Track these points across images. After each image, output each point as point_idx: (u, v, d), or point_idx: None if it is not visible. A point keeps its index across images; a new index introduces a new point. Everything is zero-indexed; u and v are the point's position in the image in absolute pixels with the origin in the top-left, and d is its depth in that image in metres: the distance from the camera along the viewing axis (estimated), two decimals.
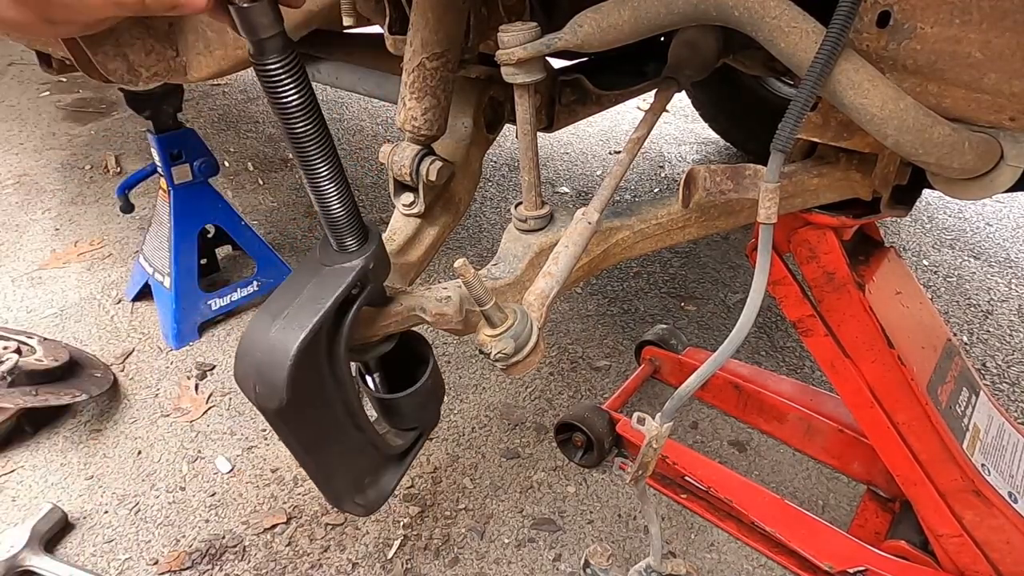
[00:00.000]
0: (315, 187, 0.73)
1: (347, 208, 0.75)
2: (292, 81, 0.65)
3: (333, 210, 0.75)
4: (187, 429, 1.77)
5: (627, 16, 0.82)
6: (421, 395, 0.94)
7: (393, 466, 0.99)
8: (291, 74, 0.65)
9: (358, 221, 0.77)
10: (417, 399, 0.94)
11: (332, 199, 0.74)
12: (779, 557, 1.40)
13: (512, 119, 1.00)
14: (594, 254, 0.98)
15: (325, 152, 0.71)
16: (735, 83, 2.87)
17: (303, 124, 0.68)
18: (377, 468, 0.97)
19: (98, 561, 1.45)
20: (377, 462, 0.96)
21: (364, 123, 3.59)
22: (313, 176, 0.72)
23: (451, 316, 0.87)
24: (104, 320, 2.15)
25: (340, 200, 0.74)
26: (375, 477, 0.97)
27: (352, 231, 0.77)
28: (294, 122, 0.67)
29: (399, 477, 1.00)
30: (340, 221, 0.75)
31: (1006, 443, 1.29)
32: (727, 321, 2.17)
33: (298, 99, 0.66)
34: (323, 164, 0.71)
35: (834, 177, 1.06)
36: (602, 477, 1.62)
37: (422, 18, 0.88)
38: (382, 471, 0.98)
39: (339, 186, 0.73)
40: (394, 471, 1.00)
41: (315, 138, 0.69)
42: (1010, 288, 2.33)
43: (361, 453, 0.93)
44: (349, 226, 0.76)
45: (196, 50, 1.25)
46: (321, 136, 0.70)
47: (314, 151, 0.70)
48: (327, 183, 0.73)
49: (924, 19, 0.74)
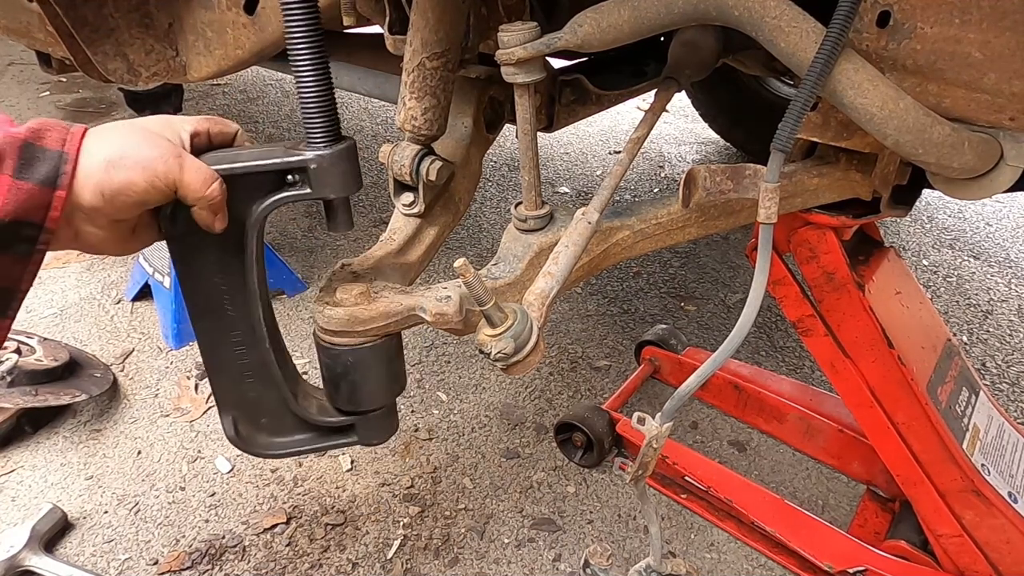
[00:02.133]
0: (296, 71, 0.75)
1: (319, 102, 0.76)
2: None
3: (306, 97, 0.76)
4: (187, 429, 1.77)
5: (627, 16, 0.82)
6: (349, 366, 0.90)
7: (304, 431, 0.96)
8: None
9: (327, 121, 0.77)
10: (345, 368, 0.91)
11: (308, 87, 0.75)
12: (779, 557, 1.40)
13: (512, 119, 1.00)
14: (594, 254, 0.98)
15: (310, 39, 0.73)
16: (735, 83, 2.87)
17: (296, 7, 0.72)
18: (279, 415, 0.93)
19: (98, 561, 1.45)
20: (280, 408, 0.92)
21: (364, 123, 3.59)
22: (296, 58, 0.74)
23: (451, 316, 0.86)
24: (104, 320, 2.15)
25: (315, 91, 0.76)
26: (275, 424, 0.95)
27: (318, 127, 0.77)
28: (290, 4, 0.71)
29: (304, 448, 0.97)
30: (309, 110, 0.76)
31: (1006, 443, 1.29)
32: (727, 321, 2.17)
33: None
34: (306, 50, 0.73)
35: (834, 177, 1.06)
36: (602, 477, 1.62)
37: (422, 18, 0.88)
38: (286, 423, 0.94)
39: (317, 78, 0.75)
40: (303, 437, 0.96)
41: (303, 22, 0.72)
42: (1010, 288, 2.33)
43: (259, 381, 0.90)
44: (317, 120, 0.77)
45: (196, 50, 1.25)
46: (310, 21, 0.72)
47: (299, 34, 0.73)
48: (307, 69, 0.74)
49: (924, 19, 0.74)
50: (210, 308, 0.85)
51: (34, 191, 0.64)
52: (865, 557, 1.28)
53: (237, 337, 0.87)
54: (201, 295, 0.84)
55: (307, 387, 0.97)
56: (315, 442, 0.98)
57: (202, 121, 0.78)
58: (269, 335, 0.87)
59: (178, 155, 0.70)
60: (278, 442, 0.96)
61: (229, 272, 0.83)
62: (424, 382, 1.91)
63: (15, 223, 0.64)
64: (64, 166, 0.66)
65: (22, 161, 0.64)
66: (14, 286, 0.68)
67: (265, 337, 0.87)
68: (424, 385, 1.90)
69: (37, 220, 0.65)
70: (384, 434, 1.00)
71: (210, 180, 0.72)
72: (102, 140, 0.69)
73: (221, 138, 0.80)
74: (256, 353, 0.88)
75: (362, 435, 0.98)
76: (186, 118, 0.77)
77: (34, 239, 0.66)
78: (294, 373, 0.95)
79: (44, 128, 0.67)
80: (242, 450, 0.95)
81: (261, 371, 0.90)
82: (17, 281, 0.68)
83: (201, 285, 0.83)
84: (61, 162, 0.66)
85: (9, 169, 0.63)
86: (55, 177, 0.65)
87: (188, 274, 0.83)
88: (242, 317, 0.86)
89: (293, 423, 0.95)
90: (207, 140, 0.79)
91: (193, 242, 0.79)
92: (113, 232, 0.73)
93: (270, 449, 0.97)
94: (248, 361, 0.89)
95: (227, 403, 0.92)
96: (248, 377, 0.90)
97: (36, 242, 0.66)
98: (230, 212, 0.77)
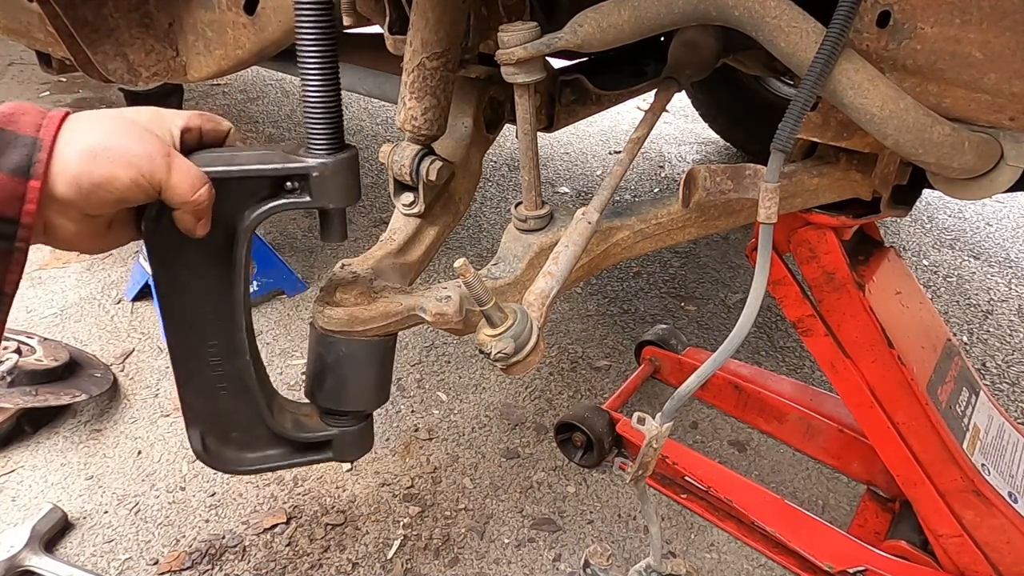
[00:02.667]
0: (304, 74, 0.73)
1: (326, 107, 0.74)
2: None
3: (312, 101, 0.74)
4: None
5: (627, 16, 0.82)
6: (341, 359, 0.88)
7: (276, 446, 0.91)
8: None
9: (332, 127, 0.75)
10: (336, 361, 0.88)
11: (315, 91, 0.74)
12: (779, 557, 1.40)
13: (512, 119, 1.00)
14: (594, 254, 0.98)
15: (322, 43, 0.72)
16: (735, 83, 2.87)
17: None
18: (251, 429, 0.89)
19: (98, 561, 1.45)
20: (253, 422, 0.88)
21: (364, 123, 3.59)
22: (305, 61, 0.73)
23: (451, 316, 0.86)
24: (104, 320, 2.15)
25: (322, 96, 0.74)
26: (246, 439, 0.90)
27: (323, 132, 0.75)
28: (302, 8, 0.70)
29: (275, 465, 0.93)
30: (315, 115, 0.75)
31: (1006, 443, 1.29)
32: (727, 321, 2.17)
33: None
34: (316, 53, 0.72)
35: (834, 177, 1.06)
36: (602, 477, 1.62)
37: (422, 18, 0.88)
38: (258, 437, 0.90)
39: (325, 82, 0.73)
40: (275, 452, 0.92)
41: (315, 25, 0.71)
42: (1010, 288, 2.33)
43: (233, 393, 0.85)
44: (321, 125, 0.75)
45: (196, 50, 1.25)
46: (323, 26, 0.71)
47: (310, 37, 0.71)
48: (315, 73, 0.73)
49: (924, 19, 0.74)
50: (187, 316, 0.80)
51: (5, 181, 0.58)
52: (865, 557, 1.28)
53: (214, 348, 0.82)
54: (179, 302, 0.79)
55: (282, 400, 0.93)
56: (288, 457, 0.93)
57: (194, 117, 0.73)
58: (250, 346, 0.83)
59: (167, 154, 0.65)
60: (248, 457, 0.92)
61: (212, 279, 0.78)
62: (424, 382, 1.91)
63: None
64: (38, 153, 0.59)
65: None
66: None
67: (246, 348, 0.82)
68: (424, 385, 1.90)
69: (11, 215, 0.59)
70: (359, 451, 0.97)
71: (198, 184, 0.67)
72: (86, 127, 0.63)
73: (213, 136, 0.76)
74: (233, 365, 0.84)
75: (337, 450, 0.94)
76: (177, 112, 0.72)
77: (11, 236, 0.60)
78: (269, 387, 0.91)
79: (18, 112, 0.61)
80: (208, 465, 0.90)
81: (236, 383, 0.85)
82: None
83: (180, 291, 0.79)
84: (35, 149, 0.59)
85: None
86: (28, 166, 0.59)
87: (167, 278, 0.78)
88: (222, 327, 0.81)
89: (266, 438, 0.91)
90: (198, 137, 0.74)
91: (176, 244, 0.74)
92: (86, 227, 0.67)
93: (240, 465, 0.92)
94: (223, 372, 0.84)
95: (196, 417, 0.87)
96: (222, 389, 0.85)
97: (14, 239, 0.60)
98: (220, 217, 0.72)
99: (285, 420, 0.91)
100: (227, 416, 0.88)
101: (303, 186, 0.75)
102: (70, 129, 0.62)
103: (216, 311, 0.80)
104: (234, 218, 0.75)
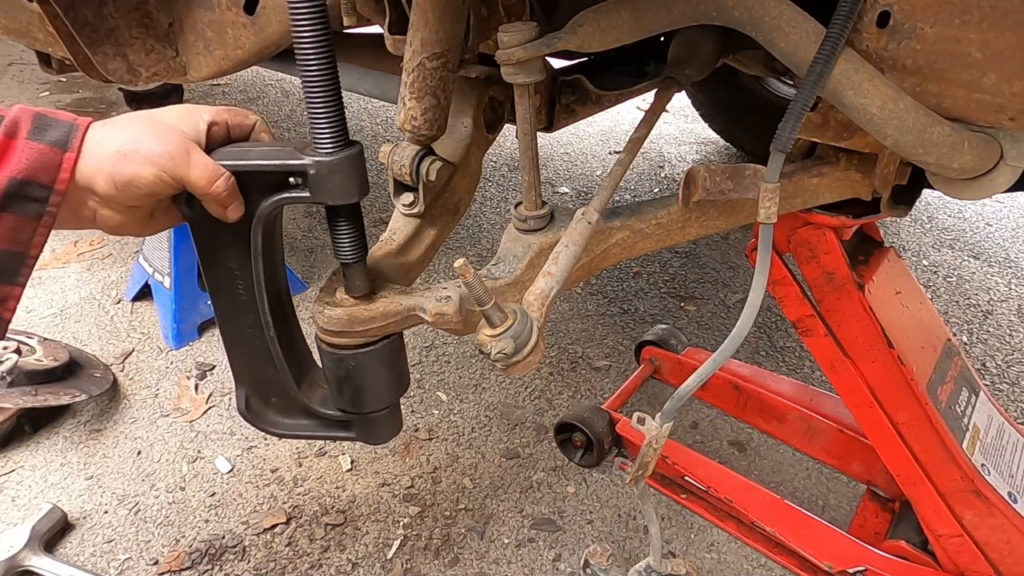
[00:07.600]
0: (303, 75, 0.75)
1: (325, 106, 0.76)
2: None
3: (312, 101, 0.76)
4: (187, 429, 1.77)
5: (627, 16, 0.82)
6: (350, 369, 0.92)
7: (308, 417, 0.98)
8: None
9: (332, 126, 0.78)
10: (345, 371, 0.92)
11: (314, 92, 0.76)
12: (779, 557, 1.40)
13: (512, 119, 1.00)
14: (594, 254, 0.97)
15: (318, 43, 0.73)
16: (735, 83, 2.87)
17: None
18: (287, 398, 0.97)
19: (98, 561, 1.45)
20: (287, 391, 0.95)
21: (364, 123, 3.59)
22: (303, 62, 0.74)
23: (451, 316, 0.86)
24: (104, 320, 2.15)
25: (321, 96, 0.76)
26: (283, 405, 0.98)
27: (323, 131, 0.77)
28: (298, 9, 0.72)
29: (307, 434, 1.01)
30: (315, 115, 0.77)
31: (1006, 443, 1.29)
32: (727, 321, 2.17)
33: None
34: (314, 53, 0.73)
35: (834, 177, 1.06)
36: (602, 477, 1.62)
37: (422, 18, 0.88)
38: (292, 406, 0.98)
39: (324, 82, 0.75)
40: (307, 423, 0.99)
41: (311, 25, 0.72)
42: (1010, 288, 2.33)
43: (269, 363, 0.92)
44: (321, 125, 0.77)
45: (196, 50, 1.25)
46: (318, 24, 0.72)
47: (307, 37, 0.73)
48: (314, 73, 0.74)
49: (924, 19, 0.74)
50: (224, 289, 0.88)
51: (45, 151, 0.68)
52: (865, 557, 1.28)
53: (250, 319, 0.89)
54: (216, 276, 0.88)
55: (318, 376, 0.98)
56: (318, 430, 1.00)
57: (221, 111, 0.80)
58: (276, 325, 0.88)
59: (186, 152, 0.73)
60: (284, 422, 1.00)
61: (237, 260, 0.86)
62: (424, 382, 1.91)
63: (26, 182, 0.67)
64: (75, 133, 0.70)
65: (35, 126, 0.69)
66: (23, 251, 0.71)
67: (271, 325, 0.88)
68: (424, 385, 1.90)
69: (47, 181, 0.68)
70: (387, 434, 1.01)
71: (215, 177, 0.74)
72: (117, 129, 0.72)
73: (239, 130, 0.82)
74: (262, 339, 0.90)
75: (361, 434, 0.99)
76: (206, 108, 0.80)
77: (44, 200, 0.69)
78: (305, 360, 0.97)
79: (56, 110, 0.72)
80: (250, 423, 0.98)
81: (268, 355, 0.92)
82: (26, 245, 0.70)
83: (217, 267, 0.87)
84: (72, 130, 0.70)
85: (24, 132, 0.68)
86: (66, 140, 0.69)
87: (207, 252, 0.87)
88: (251, 305, 0.88)
89: (299, 408, 0.98)
90: (225, 131, 0.81)
91: (210, 226, 0.82)
92: (131, 216, 0.77)
93: (276, 427, 1.00)
94: (259, 344, 0.91)
95: (241, 377, 0.96)
96: (259, 358, 0.92)
97: (46, 203, 0.69)
98: (245, 205, 0.80)
99: (315, 395, 0.97)
100: (266, 382, 0.96)
101: (304, 182, 0.79)
102: (104, 131, 0.72)
103: (245, 289, 0.87)
104: (252, 207, 0.81)
